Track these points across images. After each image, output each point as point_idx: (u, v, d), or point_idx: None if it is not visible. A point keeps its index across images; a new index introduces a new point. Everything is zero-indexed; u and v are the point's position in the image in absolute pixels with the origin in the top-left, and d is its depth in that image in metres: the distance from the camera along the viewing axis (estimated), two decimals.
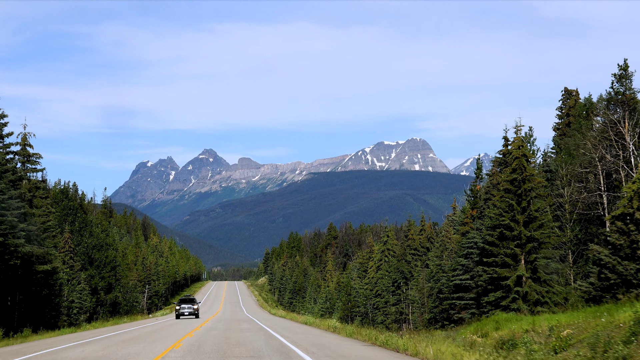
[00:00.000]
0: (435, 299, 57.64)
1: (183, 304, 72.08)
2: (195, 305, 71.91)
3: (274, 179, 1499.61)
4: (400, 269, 58.85)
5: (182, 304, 72.09)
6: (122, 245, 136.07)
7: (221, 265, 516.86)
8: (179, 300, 73.54)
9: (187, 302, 72.81)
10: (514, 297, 46.14)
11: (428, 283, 63.10)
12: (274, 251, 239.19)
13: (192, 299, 73.44)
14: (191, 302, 72.70)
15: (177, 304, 72.53)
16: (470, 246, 51.48)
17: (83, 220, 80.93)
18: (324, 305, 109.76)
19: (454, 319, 52.46)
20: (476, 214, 53.65)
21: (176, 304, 72.64)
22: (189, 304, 71.81)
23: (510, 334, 29.20)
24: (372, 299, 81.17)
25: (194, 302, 72.63)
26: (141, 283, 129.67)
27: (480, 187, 54.59)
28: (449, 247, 56.04)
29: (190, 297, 74.21)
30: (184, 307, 71.22)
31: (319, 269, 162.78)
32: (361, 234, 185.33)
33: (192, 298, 74.04)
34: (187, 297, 74.27)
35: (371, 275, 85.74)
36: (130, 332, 40.28)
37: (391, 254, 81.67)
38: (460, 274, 51.85)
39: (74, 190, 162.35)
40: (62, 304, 63.39)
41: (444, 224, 76.55)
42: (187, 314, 70.74)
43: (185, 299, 73.72)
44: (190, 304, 71.78)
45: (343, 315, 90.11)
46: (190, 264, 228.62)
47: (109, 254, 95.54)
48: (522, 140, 46.97)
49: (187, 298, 74.00)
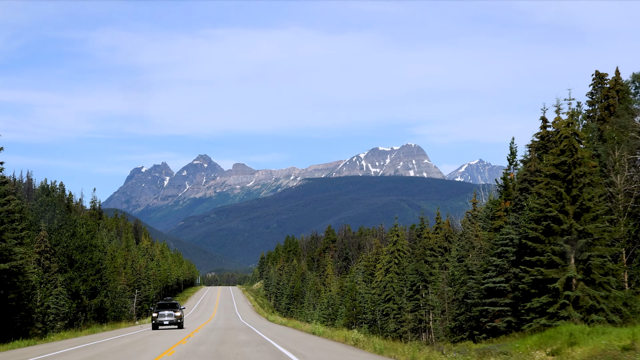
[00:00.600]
0: (460, 304, 50.35)
1: (162, 310, 56.97)
2: (177, 311, 56.74)
3: (269, 184, 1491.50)
4: (419, 270, 51.56)
5: (161, 310, 56.98)
6: (111, 247, 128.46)
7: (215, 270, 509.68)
8: (157, 305, 58.25)
9: (167, 307, 57.50)
10: (563, 303, 38.84)
11: (449, 287, 55.87)
12: (269, 255, 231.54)
13: (173, 304, 58.21)
14: (172, 307, 57.52)
15: (154, 310, 57.20)
16: (505, 243, 44.21)
17: (62, 218, 73.17)
18: (325, 312, 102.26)
19: (485, 328, 45.09)
20: (510, 207, 46.38)
21: (153, 310, 57.41)
22: (169, 310, 56.58)
23: (598, 352, 21.80)
24: (380, 305, 73.78)
25: (176, 308, 57.48)
26: (130, 287, 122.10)
27: (514, 176, 47.34)
28: (476, 245, 48.78)
29: (171, 302, 58.83)
30: (163, 315, 56.10)
31: (317, 274, 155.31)
32: (361, 237, 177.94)
33: (174, 302, 58.57)
34: (167, 302, 58.80)
35: (379, 279, 78.33)
36: (92, 348, 32.40)
37: (401, 255, 74.35)
38: (493, 275, 44.55)
39: (61, 190, 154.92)
40: (35, 309, 55.96)
41: (462, 221, 69.30)
42: (167, 324, 55.93)
43: (164, 303, 58.42)
44: (171, 310, 56.62)
45: (347, 322, 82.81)
46: (183, 269, 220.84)
47: (94, 255, 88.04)
48: (572, 116, 39.80)
49: (167, 302, 58.45)
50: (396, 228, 75.36)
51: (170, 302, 58.39)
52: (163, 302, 58.84)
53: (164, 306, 57.79)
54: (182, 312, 57.48)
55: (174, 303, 58.42)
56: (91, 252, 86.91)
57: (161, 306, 57.90)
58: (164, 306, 57.79)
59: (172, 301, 59.13)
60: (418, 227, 75.61)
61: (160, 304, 58.39)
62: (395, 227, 75.23)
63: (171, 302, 58.43)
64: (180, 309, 57.41)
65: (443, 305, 54.62)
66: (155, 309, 57.49)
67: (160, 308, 57.47)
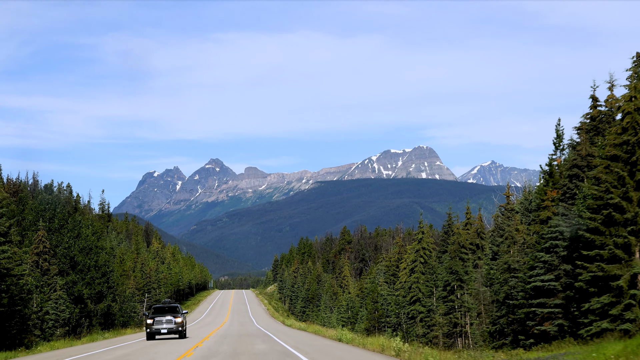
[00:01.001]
0: (500, 306, 45.21)
1: (158, 315, 46.25)
2: (178, 316, 45.99)
3: (281, 187, 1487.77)
4: (454, 268, 46.48)
5: (158, 315, 46.27)
6: (120, 250, 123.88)
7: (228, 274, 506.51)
8: (152, 309, 47.81)
9: (165, 312, 46.87)
10: (628, 304, 33.62)
11: (484, 287, 50.82)
12: (283, 258, 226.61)
13: (173, 307, 47.71)
14: (172, 312, 46.80)
15: (148, 316, 46.59)
16: (554, 237, 39.05)
17: (64, 217, 68.38)
18: (344, 315, 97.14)
19: (533, 332, 39.92)
20: (558, 196, 41.24)
21: (147, 316, 46.88)
22: (168, 315, 45.87)
23: None
24: (406, 307, 68.65)
25: (176, 313, 46.70)
26: (140, 291, 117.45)
27: (561, 161, 42.22)
28: (518, 239, 43.68)
29: (170, 304, 48.43)
30: (160, 321, 45.46)
31: (333, 276, 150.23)
32: (377, 237, 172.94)
33: (174, 305, 48.08)
34: (166, 304, 48.46)
35: (403, 279, 73.19)
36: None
37: (427, 253, 69.21)
38: (540, 273, 39.39)
39: (69, 191, 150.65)
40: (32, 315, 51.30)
41: (494, 216, 64.16)
42: (166, 332, 45.52)
43: (162, 307, 47.82)
44: (171, 315, 45.83)
45: (369, 326, 77.78)
46: (195, 272, 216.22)
47: (100, 258, 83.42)
48: (635, 89, 34.67)
49: (165, 305, 47.94)
50: (421, 225, 70.20)
51: (169, 305, 47.89)
52: (160, 305, 48.40)
53: (161, 310, 47.27)
54: (184, 318, 47.31)
55: (173, 306, 47.94)
56: (97, 254, 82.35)
57: (158, 310, 47.36)
58: (161, 310, 47.27)
59: (172, 304, 48.61)
60: (445, 222, 70.46)
61: (156, 307, 47.88)
62: (420, 225, 70.07)
63: (170, 305, 48.04)
64: (181, 314, 47.06)
65: (479, 307, 49.58)
66: (151, 314, 46.72)
67: (157, 313, 46.83)
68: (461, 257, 49.43)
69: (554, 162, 42.70)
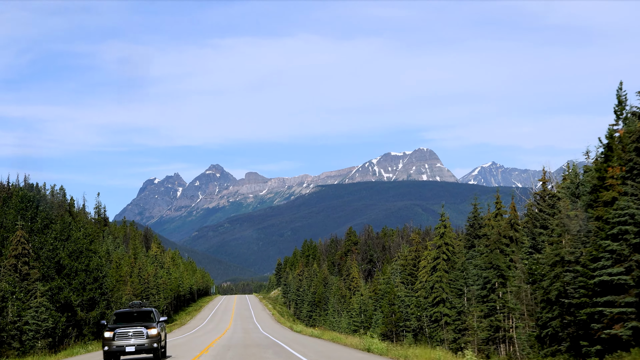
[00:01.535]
0: (551, 306, 38.48)
1: (123, 324, 32.31)
2: (152, 327, 31.96)
3: (282, 192, 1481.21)
4: (495, 263, 39.78)
5: (121, 325, 32.30)
6: (117, 255, 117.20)
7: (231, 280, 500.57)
8: (115, 315, 33.71)
9: (133, 320, 33.22)
10: None
11: (526, 284, 44.10)
12: (287, 261, 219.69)
13: (145, 313, 33.67)
14: (143, 319, 33.23)
15: (107, 326, 32.32)
16: (624, 221, 32.41)
17: (47, 216, 61.57)
18: (357, 319, 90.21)
19: (600, 337, 33.20)
20: (622, 173, 34.57)
21: (106, 326, 32.45)
22: (136, 326, 31.88)
23: None
24: (428, 310, 61.94)
25: (149, 321, 32.99)
26: (137, 298, 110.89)
27: (624, 132, 35.58)
28: (572, 227, 37.01)
29: (141, 308, 34.27)
30: (126, 335, 31.51)
31: (340, 278, 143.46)
32: (385, 238, 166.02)
33: (147, 311, 33.94)
34: (135, 308, 34.09)
35: (423, 279, 66.43)
36: None
37: (450, 250, 62.50)
38: (607, 265, 32.72)
39: (62, 195, 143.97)
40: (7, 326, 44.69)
41: (527, 204, 57.45)
42: (134, 351, 31.40)
43: (127, 313, 33.71)
44: (141, 326, 31.92)
45: (386, 331, 71.09)
46: (196, 277, 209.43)
47: (93, 261, 76.76)
48: None
49: (132, 311, 33.79)
50: (443, 218, 63.44)
51: (139, 310, 33.71)
52: (126, 310, 33.95)
53: (127, 317, 33.15)
54: (162, 329, 33.66)
55: (146, 312, 33.71)
56: (88, 258, 75.69)
57: (122, 318, 33.19)
58: (127, 317, 33.15)
59: (144, 307, 34.28)
60: (470, 215, 63.70)
61: (120, 313, 33.59)
62: (442, 217, 63.29)
63: (141, 310, 33.75)
64: (158, 323, 32.88)
65: (521, 307, 42.96)
66: (111, 323, 32.98)
67: (121, 321, 32.86)
68: (502, 250, 42.83)
69: (615, 134, 36.14)
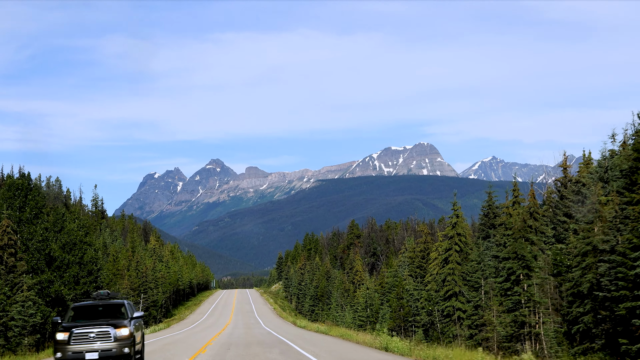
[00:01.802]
0: (582, 299, 35.16)
1: (83, 324, 23.96)
2: (121, 327, 23.96)
3: (282, 187, 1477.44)
4: (520, 253, 36.42)
5: (81, 324, 23.99)
6: (114, 248, 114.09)
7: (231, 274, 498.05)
8: (72, 310, 25.22)
9: (96, 316, 25.14)
10: None
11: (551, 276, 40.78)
12: (288, 255, 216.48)
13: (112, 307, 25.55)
14: (109, 315, 25.20)
15: (60, 325, 24.07)
16: None
17: (36, 205, 58.22)
18: (362, 314, 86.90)
19: None
20: None
21: (59, 325, 24.10)
22: (101, 325, 23.82)
23: None
24: (440, 304, 58.60)
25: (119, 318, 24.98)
26: (135, 292, 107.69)
27: None
28: (606, 214, 33.66)
29: (109, 301, 25.80)
30: (85, 337, 23.50)
31: (343, 271, 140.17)
32: (388, 230, 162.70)
33: (116, 304, 25.70)
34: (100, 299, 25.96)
35: (434, 272, 63.06)
36: None
37: (462, 240, 59.15)
38: None
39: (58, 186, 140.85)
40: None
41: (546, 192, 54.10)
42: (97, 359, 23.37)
43: (89, 306, 25.46)
44: (107, 325, 23.85)
45: (394, 327, 67.80)
46: (196, 271, 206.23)
47: (87, 254, 73.53)
48: None
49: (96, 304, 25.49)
50: (455, 208, 60.01)
51: (105, 304, 25.54)
52: (88, 303, 25.60)
53: (89, 313, 25.14)
54: (137, 329, 25.45)
55: (114, 305, 25.61)
56: (82, 250, 72.44)
57: (82, 313, 25.11)
58: (89, 313, 25.14)
59: (114, 300, 25.98)
60: (484, 203, 60.34)
61: (80, 307, 25.38)
62: (454, 207, 59.89)
63: (109, 304, 25.59)
64: (131, 321, 24.82)
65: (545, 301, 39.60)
66: (68, 320, 24.67)
67: (81, 318, 24.86)
68: (527, 238, 39.51)
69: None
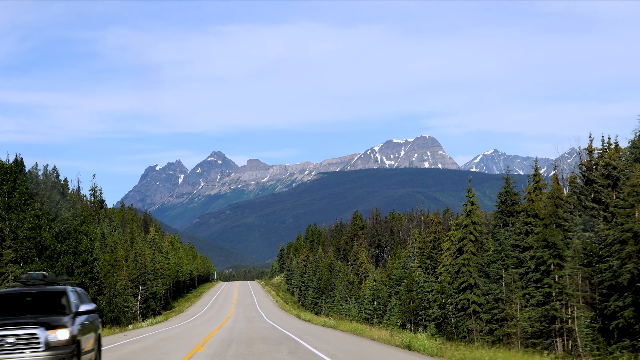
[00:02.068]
0: (620, 292, 31.88)
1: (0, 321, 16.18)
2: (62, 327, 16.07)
3: (283, 179, 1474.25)
4: (551, 241, 33.07)
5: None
6: (112, 238, 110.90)
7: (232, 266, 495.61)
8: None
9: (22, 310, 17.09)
10: None
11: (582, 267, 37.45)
12: (290, 246, 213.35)
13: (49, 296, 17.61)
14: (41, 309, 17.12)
15: None
16: None
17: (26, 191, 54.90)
18: (369, 307, 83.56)
19: None
20: None
21: None
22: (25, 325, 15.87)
23: None
24: (453, 297, 55.33)
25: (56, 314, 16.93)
26: (133, 283, 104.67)
27: None
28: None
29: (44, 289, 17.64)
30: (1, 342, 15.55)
31: (347, 263, 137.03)
32: (392, 222, 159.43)
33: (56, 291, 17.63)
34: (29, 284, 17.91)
35: (447, 262, 59.75)
36: None
37: (477, 229, 55.86)
38: None
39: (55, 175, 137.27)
40: None
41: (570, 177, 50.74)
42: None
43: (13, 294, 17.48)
44: (36, 324, 15.92)
45: (403, 320, 64.59)
46: (197, 263, 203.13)
47: (83, 243, 70.31)
48: None
49: (22, 292, 17.51)
50: (470, 195, 56.68)
51: (38, 292, 17.69)
52: (11, 290, 17.75)
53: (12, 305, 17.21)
54: (86, 329, 17.60)
55: (50, 293, 17.74)
56: (77, 240, 69.18)
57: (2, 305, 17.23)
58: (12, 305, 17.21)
59: (46, 287, 17.84)
60: (502, 190, 56.91)
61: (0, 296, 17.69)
62: (469, 194, 56.52)
63: (42, 291, 17.75)
64: (75, 318, 17.02)
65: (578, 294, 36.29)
66: None
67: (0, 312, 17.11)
68: (558, 224, 36.19)
69: None
